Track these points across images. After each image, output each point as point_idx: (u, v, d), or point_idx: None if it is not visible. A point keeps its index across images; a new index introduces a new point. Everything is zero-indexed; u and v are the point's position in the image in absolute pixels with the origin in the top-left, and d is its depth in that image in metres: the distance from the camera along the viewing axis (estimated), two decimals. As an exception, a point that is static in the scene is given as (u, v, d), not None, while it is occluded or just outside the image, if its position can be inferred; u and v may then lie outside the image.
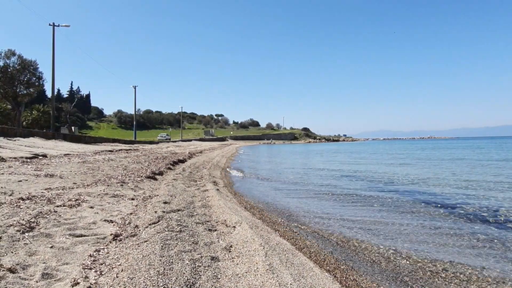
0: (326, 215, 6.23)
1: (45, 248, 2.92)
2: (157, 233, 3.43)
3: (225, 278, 2.62)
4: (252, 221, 4.69)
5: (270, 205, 7.20)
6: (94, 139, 30.29)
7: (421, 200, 7.64)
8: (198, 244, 3.29)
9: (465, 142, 72.22)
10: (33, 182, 6.00)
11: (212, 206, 5.27)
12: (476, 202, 7.28)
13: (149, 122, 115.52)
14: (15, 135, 19.11)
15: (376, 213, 6.46)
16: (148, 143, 42.22)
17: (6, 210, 3.84)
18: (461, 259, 3.97)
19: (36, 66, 31.69)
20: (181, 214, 4.43)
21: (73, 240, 3.19)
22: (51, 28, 27.52)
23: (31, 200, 4.48)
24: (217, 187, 7.99)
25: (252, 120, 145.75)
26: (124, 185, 6.57)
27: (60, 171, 7.74)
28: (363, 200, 7.80)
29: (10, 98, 31.09)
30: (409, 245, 4.48)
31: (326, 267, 3.57)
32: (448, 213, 6.29)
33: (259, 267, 2.77)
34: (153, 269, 2.54)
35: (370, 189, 9.48)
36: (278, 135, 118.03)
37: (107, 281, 2.39)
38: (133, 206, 4.93)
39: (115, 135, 66.74)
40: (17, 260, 2.60)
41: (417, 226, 5.46)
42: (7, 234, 3.05)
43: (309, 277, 2.84)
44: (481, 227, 5.35)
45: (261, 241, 3.43)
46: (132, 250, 2.98)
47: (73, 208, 4.35)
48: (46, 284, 2.34)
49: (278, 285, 2.47)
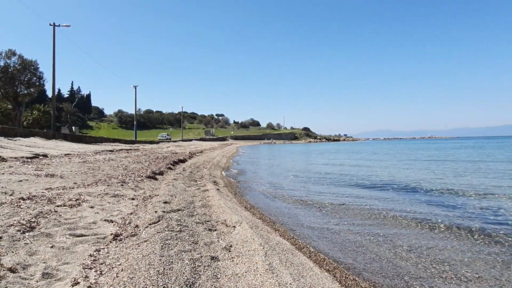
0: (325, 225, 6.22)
1: (46, 248, 2.93)
2: (157, 233, 3.44)
3: (225, 277, 2.62)
4: (252, 221, 4.69)
5: (270, 206, 7.20)
6: (94, 139, 30.31)
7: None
8: (198, 243, 3.30)
9: (468, 142, 71.52)
10: (34, 182, 6.01)
11: (212, 206, 5.28)
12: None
13: (150, 122, 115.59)
14: (16, 135, 19.14)
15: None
16: (149, 143, 42.24)
17: (6, 210, 3.85)
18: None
19: (37, 66, 31.75)
20: (181, 214, 4.44)
21: (73, 240, 3.20)
22: (51, 28, 27.56)
23: (32, 200, 4.49)
24: (217, 187, 8.00)
25: (252, 120, 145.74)
26: (124, 185, 6.58)
27: (61, 171, 7.76)
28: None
29: (10, 98, 31.14)
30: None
31: (325, 267, 3.57)
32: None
33: (259, 267, 2.77)
34: (153, 269, 2.54)
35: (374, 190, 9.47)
36: (278, 135, 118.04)
37: (107, 280, 2.40)
38: (133, 206, 4.94)
39: (116, 135, 66.77)
40: (17, 259, 2.61)
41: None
42: (7, 234, 3.06)
43: (308, 276, 2.84)
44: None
45: (261, 240, 3.43)
46: (132, 250, 2.98)
47: (74, 208, 4.36)
48: (47, 284, 2.34)
49: (277, 284, 2.47)
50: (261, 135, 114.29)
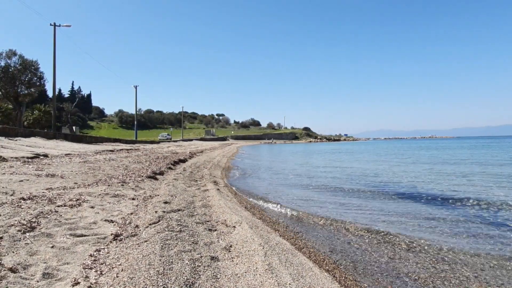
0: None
1: (46, 248, 2.94)
2: (157, 233, 3.44)
3: (225, 278, 2.63)
4: (252, 221, 4.70)
5: (270, 206, 7.21)
6: (95, 139, 30.32)
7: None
8: (198, 244, 3.31)
9: (469, 142, 70.86)
10: (34, 182, 6.02)
11: (213, 206, 5.28)
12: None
13: (150, 121, 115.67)
14: (17, 135, 19.16)
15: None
16: (149, 142, 42.26)
17: (7, 210, 3.86)
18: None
19: (37, 66, 31.78)
20: (181, 214, 4.45)
21: (73, 240, 3.21)
22: (52, 28, 27.57)
23: (32, 200, 4.50)
24: (218, 187, 8.01)
25: (253, 120, 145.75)
26: (124, 185, 6.59)
27: (61, 171, 7.77)
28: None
29: (11, 98, 31.19)
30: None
31: (325, 267, 3.58)
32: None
33: (259, 267, 2.78)
34: (153, 269, 2.55)
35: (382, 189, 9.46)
36: (279, 135, 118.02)
37: (107, 280, 2.41)
38: (133, 206, 4.95)
39: (116, 135, 66.84)
40: (18, 260, 2.62)
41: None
42: (8, 234, 3.07)
43: (308, 277, 2.85)
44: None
45: (261, 241, 3.44)
46: (133, 250, 2.99)
47: (74, 208, 4.37)
48: (47, 284, 2.35)
49: (277, 285, 2.48)
50: (262, 135, 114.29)
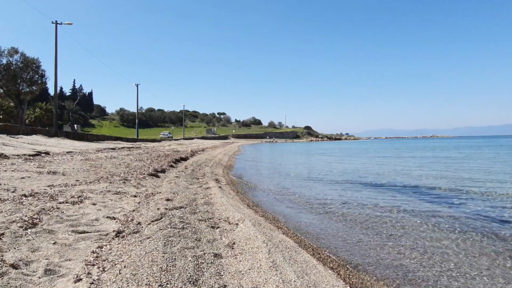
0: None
1: (48, 244, 2.92)
2: (160, 230, 3.42)
3: (228, 275, 2.60)
4: (255, 218, 4.67)
5: (272, 204, 7.18)
6: (96, 137, 30.33)
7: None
8: (201, 241, 3.28)
9: (471, 142, 70.34)
10: (36, 179, 6.01)
11: (215, 204, 5.25)
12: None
13: (152, 120, 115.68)
14: (18, 132, 19.17)
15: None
16: (151, 141, 42.26)
17: (9, 206, 3.84)
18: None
19: (39, 64, 31.76)
20: (183, 211, 4.42)
21: (75, 237, 3.18)
22: (54, 26, 27.52)
23: (34, 196, 4.48)
24: (220, 184, 7.98)
25: (254, 119, 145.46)
26: (126, 182, 6.57)
27: (63, 168, 7.75)
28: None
29: (13, 96, 31.20)
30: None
31: (329, 265, 3.54)
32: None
33: (262, 264, 2.75)
34: (156, 266, 2.52)
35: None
36: (280, 134, 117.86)
37: (110, 277, 2.38)
38: (135, 203, 4.93)
39: (118, 133, 66.83)
40: (19, 256, 2.59)
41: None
42: (9, 230, 3.05)
43: (312, 274, 2.82)
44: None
45: (264, 238, 3.41)
46: (135, 247, 2.96)
47: (76, 205, 4.34)
48: (49, 280, 2.33)
49: (281, 282, 2.45)
50: (263, 134, 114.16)
